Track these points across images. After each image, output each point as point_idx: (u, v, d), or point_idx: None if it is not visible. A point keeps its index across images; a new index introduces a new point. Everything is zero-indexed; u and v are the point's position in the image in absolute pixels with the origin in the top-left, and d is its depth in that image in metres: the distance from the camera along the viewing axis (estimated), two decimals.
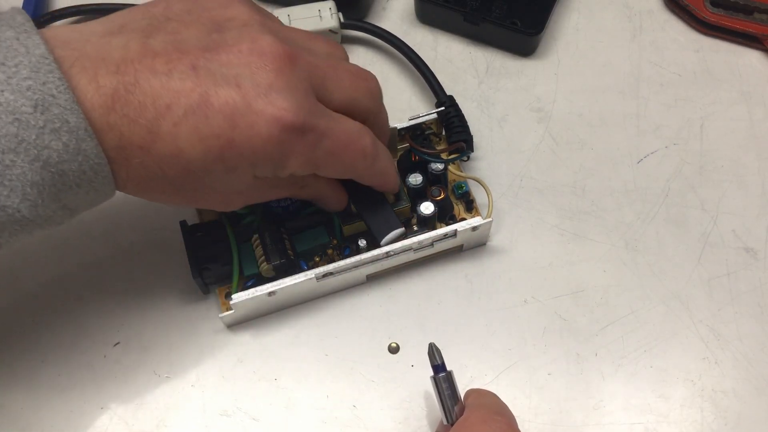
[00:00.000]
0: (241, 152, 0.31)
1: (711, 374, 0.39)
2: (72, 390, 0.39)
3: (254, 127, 0.31)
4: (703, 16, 0.50)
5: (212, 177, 0.32)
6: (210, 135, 0.30)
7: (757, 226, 0.44)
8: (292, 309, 0.42)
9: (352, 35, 0.51)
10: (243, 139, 0.31)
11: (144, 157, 0.30)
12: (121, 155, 0.30)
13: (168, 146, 0.30)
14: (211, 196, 0.34)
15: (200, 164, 0.31)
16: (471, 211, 0.44)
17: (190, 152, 0.31)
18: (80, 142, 0.28)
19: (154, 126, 0.30)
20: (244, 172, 0.32)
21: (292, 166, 0.33)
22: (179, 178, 0.31)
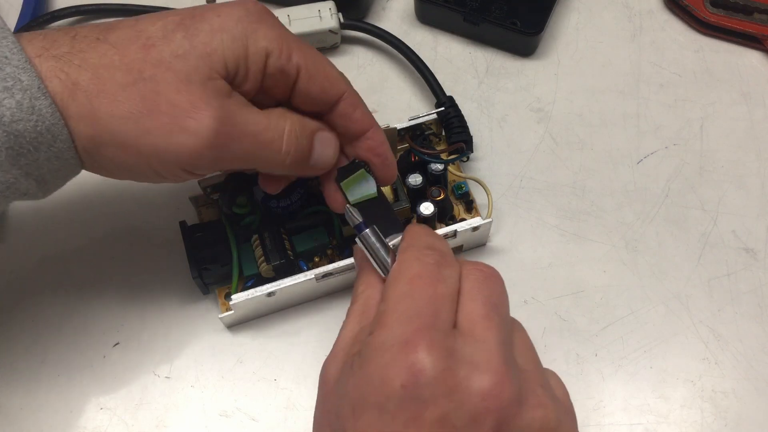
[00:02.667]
0: (204, 17, 0.31)
1: (711, 374, 0.39)
2: (72, 390, 0.39)
3: (217, 8, 0.31)
4: (703, 16, 0.50)
5: (172, 48, 0.30)
6: (169, 14, 0.31)
7: (757, 226, 0.44)
8: (291, 309, 0.42)
9: (352, 35, 0.51)
10: (205, 11, 0.31)
11: (100, 44, 0.30)
12: (76, 47, 0.30)
13: (125, 29, 0.30)
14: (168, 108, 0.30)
15: (160, 33, 0.30)
16: (471, 212, 0.44)
17: (149, 27, 0.30)
18: (33, 100, 0.28)
19: (114, 24, 0.31)
20: (208, 43, 0.30)
21: (264, 35, 0.31)
22: (137, 63, 0.30)
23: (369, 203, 0.36)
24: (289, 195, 0.40)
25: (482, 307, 0.28)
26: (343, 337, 0.31)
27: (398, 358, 0.26)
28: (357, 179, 0.36)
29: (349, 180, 0.36)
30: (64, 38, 0.30)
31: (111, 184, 0.45)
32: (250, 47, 0.31)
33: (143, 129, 0.30)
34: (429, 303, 0.28)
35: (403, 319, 0.27)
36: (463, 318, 0.28)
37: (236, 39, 0.31)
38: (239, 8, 0.32)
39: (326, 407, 0.29)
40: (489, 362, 0.26)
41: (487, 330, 0.28)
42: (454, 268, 0.30)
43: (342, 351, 0.30)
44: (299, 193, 0.40)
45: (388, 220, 0.36)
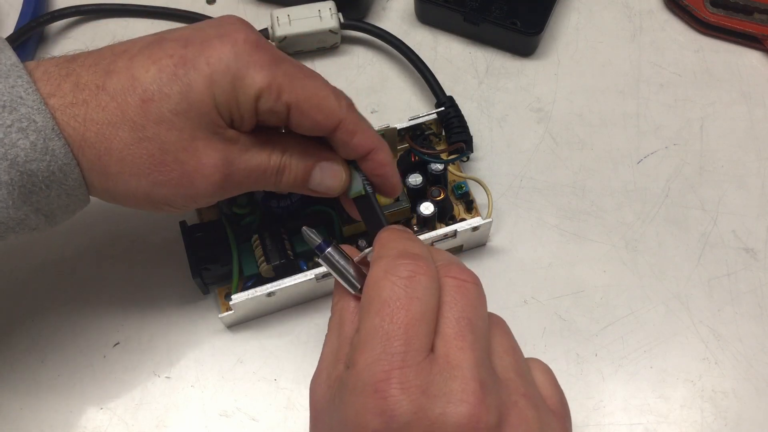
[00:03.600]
0: (196, 65, 0.31)
1: (711, 374, 0.39)
2: (72, 390, 0.39)
3: (204, 42, 0.31)
4: (703, 16, 0.50)
5: (171, 104, 0.30)
6: (163, 56, 0.31)
7: (757, 226, 0.44)
8: (291, 309, 0.42)
9: (352, 35, 0.51)
10: (195, 54, 0.31)
11: (101, 95, 0.30)
12: (79, 98, 0.30)
13: (123, 77, 0.30)
14: (177, 165, 0.31)
15: (156, 87, 0.30)
16: (471, 212, 0.44)
17: (143, 75, 0.30)
18: (47, 141, 0.29)
19: (111, 65, 0.31)
20: (202, 99, 0.31)
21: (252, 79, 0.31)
22: (139, 120, 0.30)
23: (358, 201, 0.36)
24: (289, 195, 0.40)
25: (455, 326, 0.28)
26: (325, 355, 0.31)
27: (370, 403, 0.26)
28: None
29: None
30: (66, 84, 0.30)
31: None
32: (240, 95, 0.31)
33: (153, 182, 0.32)
34: (401, 332, 0.27)
35: (373, 358, 0.27)
36: (438, 340, 0.27)
37: (227, 89, 0.31)
38: (228, 49, 0.31)
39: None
40: (464, 391, 0.26)
41: (460, 351, 0.27)
42: (431, 276, 0.28)
43: (325, 371, 0.30)
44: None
45: (374, 219, 0.35)
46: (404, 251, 0.29)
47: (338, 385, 0.28)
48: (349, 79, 0.49)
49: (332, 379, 0.29)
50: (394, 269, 0.28)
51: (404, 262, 0.28)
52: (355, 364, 0.27)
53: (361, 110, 0.41)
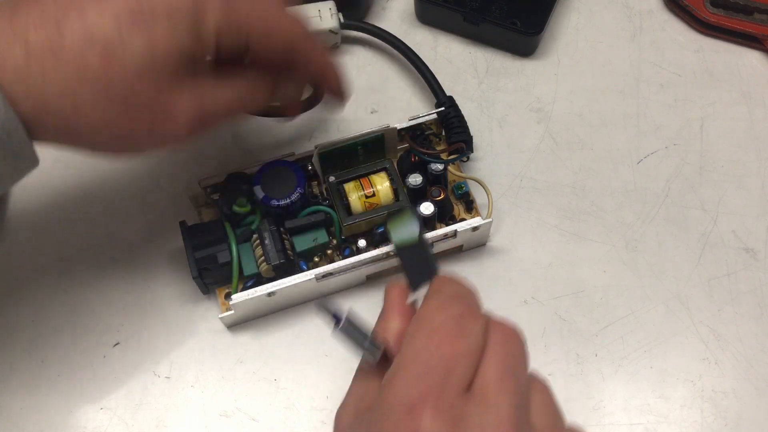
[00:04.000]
0: (152, 7, 0.29)
1: (711, 374, 0.39)
2: (72, 390, 0.39)
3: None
4: (703, 16, 0.50)
5: (134, 55, 0.29)
6: (116, 8, 0.29)
7: (757, 226, 0.44)
8: (291, 309, 0.42)
9: (352, 35, 0.51)
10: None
11: (57, 58, 0.28)
12: (33, 65, 0.28)
13: (77, 34, 0.29)
14: (148, 115, 0.31)
15: (117, 40, 0.29)
16: (471, 212, 0.44)
17: (100, 29, 0.29)
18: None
19: (61, 20, 0.29)
20: (165, 43, 0.30)
21: (212, 17, 0.30)
22: (101, 75, 0.29)
23: (410, 247, 0.36)
24: (289, 195, 0.40)
25: (498, 370, 0.28)
26: (354, 388, 0.31)
27: (402, 423, 0.26)
28: (402, 219, 0.35)
29: (394, 221, 0.36)
30: (16, 50, 0.28)
31: (112, 184, 0.45)
32: (202, 33, 0.31)
33: (123, 133, 0.31)
34: (444, 361, 0.27)
35: (412, 379, 0.27)
36: (478, 379, 0.27)
37: (188, 29, 0.30)
38: None
39: None
40: (497, 428, 0.26)
41: (500, 394, 0.27)
42: (480, 322, 0.29)
43: (352, 404, 0.30)
44: (299, 192, 0.40)
45: (424, 265, 0.35)
46: (457, 293, 0.30)
47: (367, 411, 0.28)
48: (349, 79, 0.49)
49: (360, 409, 0.29)
50: (448, 305, 0.29)
51: (457, 303, 0.29)
52: (392, 384, 0.27)
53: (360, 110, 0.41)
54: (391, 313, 0.32)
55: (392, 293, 0.33)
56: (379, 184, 0.41)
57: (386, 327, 0.31)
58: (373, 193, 0.41)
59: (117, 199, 0.45)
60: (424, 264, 0.35)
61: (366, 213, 0.41)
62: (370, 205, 0.41)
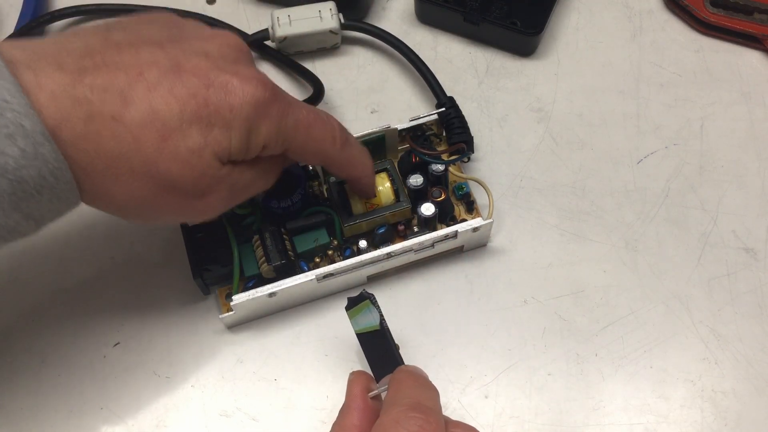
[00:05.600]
0: (218, 109, 0.31)
1: (711, 374, 0.39)
2: (72, 390, 0.39)
3: (228, 86, 0.31)
4: (703, 16, 0.50)
5: (188, 144, 0.31)
6: (186, 94, 0.30)
7: (757, 226, 0.44)
8: (292, 310, 0.42)
9: (353, 36, 0.51)
10: (218, 98, 0.31)
11: (116, 127, 0.29)
12: (92, 130, 0.29)
13: (142, 109, 0.29)
14: (183, 198, 0.32)
15: (176, 124, 0.30)
16: (472, 212, 0.44)
17: (165, 112, 0.30)
18: (37, 147, 0.27)
19: (127, 91, 0.29)
20: (220, 142, 0.31)
21: (265, 131, 0.32)
22: (152, 155, 0.30)
23: (371, 334, 0.36)
24: (290, 195, 0.40)
25: None
26: None
27: None
28: (362, 309, 0.36)
29: (354, 310, 0.36)
30: (76, 113, 0.28)
31: None
32: (251, 143, 0.32)
33: (155, 210, 0.32)
34: None
35: None
36: None
37: (243, 137, 0.32)
38: (250, 98, 0.32)
39: None
40: None
41: None
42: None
43: None
44: (300, 193, 0.40)
45: (386, 354, 0.35)
46: (417, 403, 0.30)
47: None
48: (349, 79, 0.49)
49: None
50: (405, 421, 0.29)
51: (415, 416, 0.29)
52: None
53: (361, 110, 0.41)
54: (350, 409, 0.33)
55: (354, 388, 0.33)
56: (380, 185, 0.41)
57: (344, 424, 0.32)
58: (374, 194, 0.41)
59: None
60: (387, 353, 0.35)
61: (367, 214, 0.41)
62: (371, 205, 0.41)
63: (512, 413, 0.38)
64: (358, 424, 0.32)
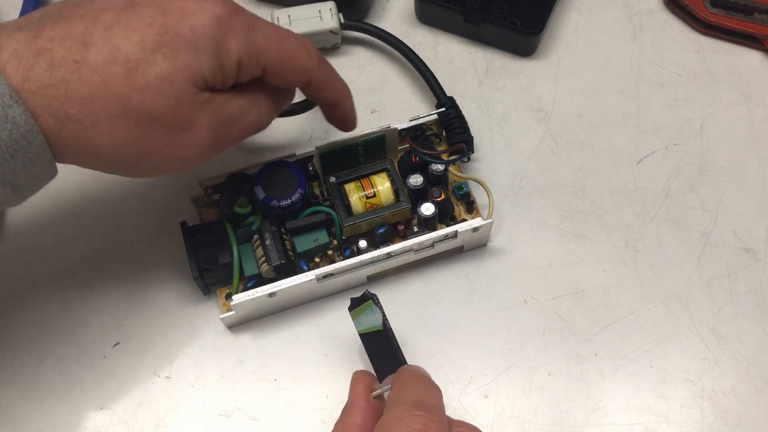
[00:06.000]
0: (178, 33, 0.31)
1: (711, 374, 0.39)
2: (72, 390, 0.39)
3: (184, 9, 0.31)
4: (703, 16, 0.50)
5: (157, 72, 0.30)
6: (143, 24, 0.30)
7: (757, 226, 0.44)
8: (292, 310, 0.42)
9: (352, 36, 0.51)
10: (176, 21, 0.31)
11: (81, 69, 0.29)
12: (57, 77, 0.29)
13: (102, 48, 0.30)
14: (165, 130, 0.32)
15: (140, 55, 0.30)
16: (472, 212, 0.44)
17: (125, 45, 0.30)
18: (6, 109, 0.28)
19: (86, 35, 0.30)
20: (189, 65, 0.31)
21: (234, 47, 0.32)
22: (124, 91, 0.30)
23: (374, 335, 0.36)
24: (290, 195, 0.40)
25: None
26: None
27: None
28: (364, 310, 0.36)
29: (357, 310, 0.36)
30: (40, 64, 0.29)
31: (112, 184, 0.45)
32: (223, 61, 0.32)
33: (143, 151, 0.32)
34: None
35: None
36: None
37: (212, 56, 0.32)
38: (209, 16, 0.31)
39: None
40: None
41: None
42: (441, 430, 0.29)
43: None
44: (300, 193, 0.40)
45: (389, 354, 0.35)
46: (420, 401, 0.30)
47: None
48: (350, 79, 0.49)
49: None
50: (408, 419, 0.29)
51: (418, 414, 0.29)
52: None
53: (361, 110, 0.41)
54: (353, 408, 0.33)
55: (357, 388, 0.33)
56: (379, 185, 0.41)
57: (347, 423, 0.32)
58: (374, 194, 0.41)
59: (118, 200, 0.45)
60: (390, 353, 0.35)
61: (367, 214, 0.41)
62: (370, 205, 0.41)
63: (512, 413, 0.38)
64: (360, 423, 0.32)
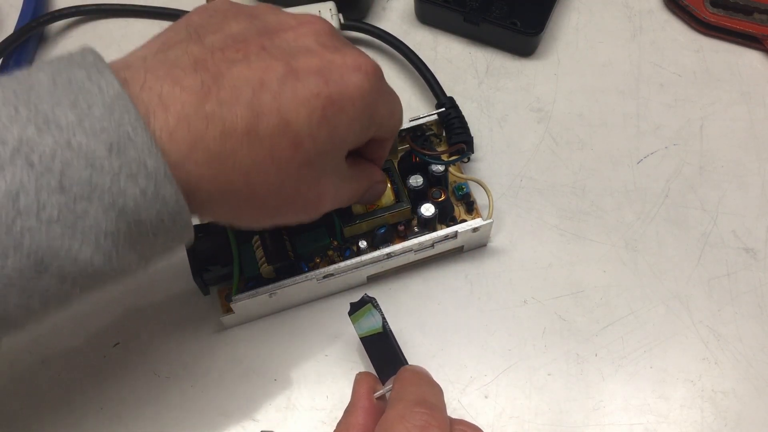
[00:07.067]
0: (342, 106, 0.30)
1: (711, 374, 0.39)
2: (72, 390, 0.39)
3: (344, 77, 0.30)
4: (703, 16, 0.50)
5: (317, 147, 0.30)
6: (310, 96, 0.29)
7: (757, 226, 0.44)
8: (292, 310, 0.42)
9: (353, 36, 0.51)
10: (339, 91, 0.30)
11: (251, 141, 0.28)
12: (228, 148, 0.28)
13: (273, 119, 0.29)
14: (302, 200, 0.32)
15: (307, 130, 0.29)
16: (471, 213, 0.44)
17: (296, 119, 0.29)
18: (159, 187, 0.26)
19: (255, 103, 0.28)
20: (344, 140, 0.31)
21: (382, 111, 0.33)
22: (284, 165, 0.30)
23: (375, 337, 0.36)
24: None
25: None
26: None
27: None
28: (364, 313, 0.36)
29: (357, 314, 0.36)
30: (213, 134, 0.27)
31: None
32: (370, 129, 0.33)
33: (276, 216, 0.32)
34: None
35: None
36: None
37: (364, 126, 0.32)
38: (366, 86, 0.31)
39: None
40: None
41: None
42: (443, 429, 0.29)
43: None
44: None
45: (390, 356, 0.35)
46: (422, 399, 0.30)
47: None
48: None
49: None
50: (410, 416, 0.29)
51: (420, 411, 0.29)
52: None
53: None
54: (355, 408, 0.33)
55: (359, 389, 0.34)
56: None
57: (349, 422, 0.32)
58: None
59: None
60: (391, 354, 0.35)
61: (366, 214, 0.41)
62: (370, 206, 0.41)
63: (512, 413, 0.38)
64: (362, 423, 0.32)
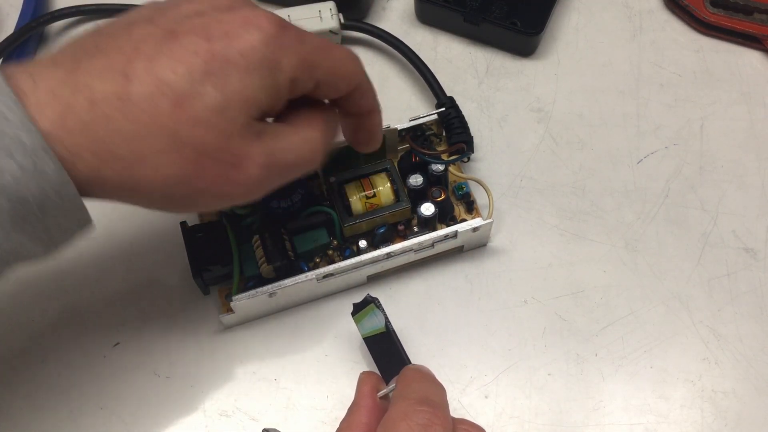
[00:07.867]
0: (227, 59, 0.28)
1: (711, 374, 0.39)
2: (72, 390, 0.39)
3: (230, 33, 0.29)
4: (703, 16, 0.50)
5: (206, 103, 0.28)
6: (187, 53, 0.28)
7: (757, 226, 0.44)
8: (292, 310, 0.42)
9: (353, 36, 0.51)
10: (223, 47, 0.28)
11: (124, 105, 0.27)
12: (99, 114, 0.27)
13: (146, 81, 0.28)
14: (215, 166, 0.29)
15: (189, 88, 0.28)
16: (471, 212, 0.44)
17: (171, 77, 0.28)
18: (37, 162, 0.26)
19: (127, 69, 0.28)
20: (240, 92, 0.29)
21: (287, 63, 0.30)
22: (171, 125, 0.28)
23: (378, 337, 0.36)
24: (290, 195, 0.40)
25: None
26: None
27: None
28: (367, 313, 0.36)
29: (360, 315, 0.36)
30: (81, 101, 0.27)
31: None
32: (278, 81, 0.30)
33: (189, 188, 0.29)
34: None
35: None
36: None
37: (265, 77, 0.29)
38: (257, 36, 0.29)
39: None
40: None
41: None
42: (446, 427, 0.29)
43: None
44: (300, 193, 0.40)
45: (394, 355, 0.36)
46: (425, 398, 0.30)
47: None
48: None
49: None
50: (413, 414, 0.29)
51: (423, 409, 0.29)
52: None
53: None
54: (358, 407, 0.33)
55: (363, 388, 0.34)
56: (380, 185, 0.41)
57: (352, 421, 0.32)
58: (374, 194, 0.41)
59: None
60: (394, 354, 0.36)
61: (367, 214, 0.41)
62: (370, 206, 0.41)
63: (512, 413, 0.38)
64: (366, 422, 0.32)
